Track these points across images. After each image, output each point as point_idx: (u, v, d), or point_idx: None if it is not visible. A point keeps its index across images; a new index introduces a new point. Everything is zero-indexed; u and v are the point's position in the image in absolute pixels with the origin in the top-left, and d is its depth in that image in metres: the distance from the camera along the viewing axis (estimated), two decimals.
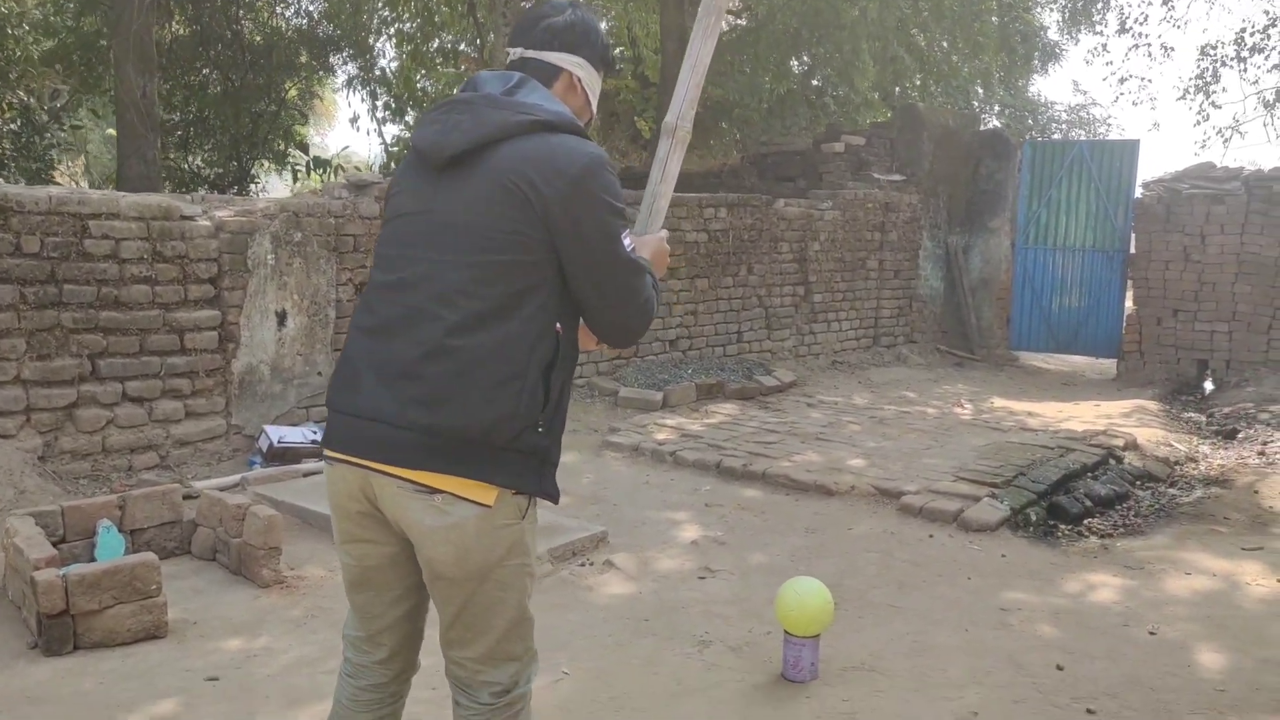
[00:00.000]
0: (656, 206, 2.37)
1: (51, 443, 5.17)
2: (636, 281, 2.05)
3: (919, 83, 15.49)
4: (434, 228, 2.00)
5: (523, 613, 2.11)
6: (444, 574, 2.02)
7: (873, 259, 10.76)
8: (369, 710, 2.25)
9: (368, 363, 2.01)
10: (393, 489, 1.98)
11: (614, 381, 8.03)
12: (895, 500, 5.45)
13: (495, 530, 1.99)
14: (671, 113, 2.36)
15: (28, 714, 3.12)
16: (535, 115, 1.98)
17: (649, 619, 3.95)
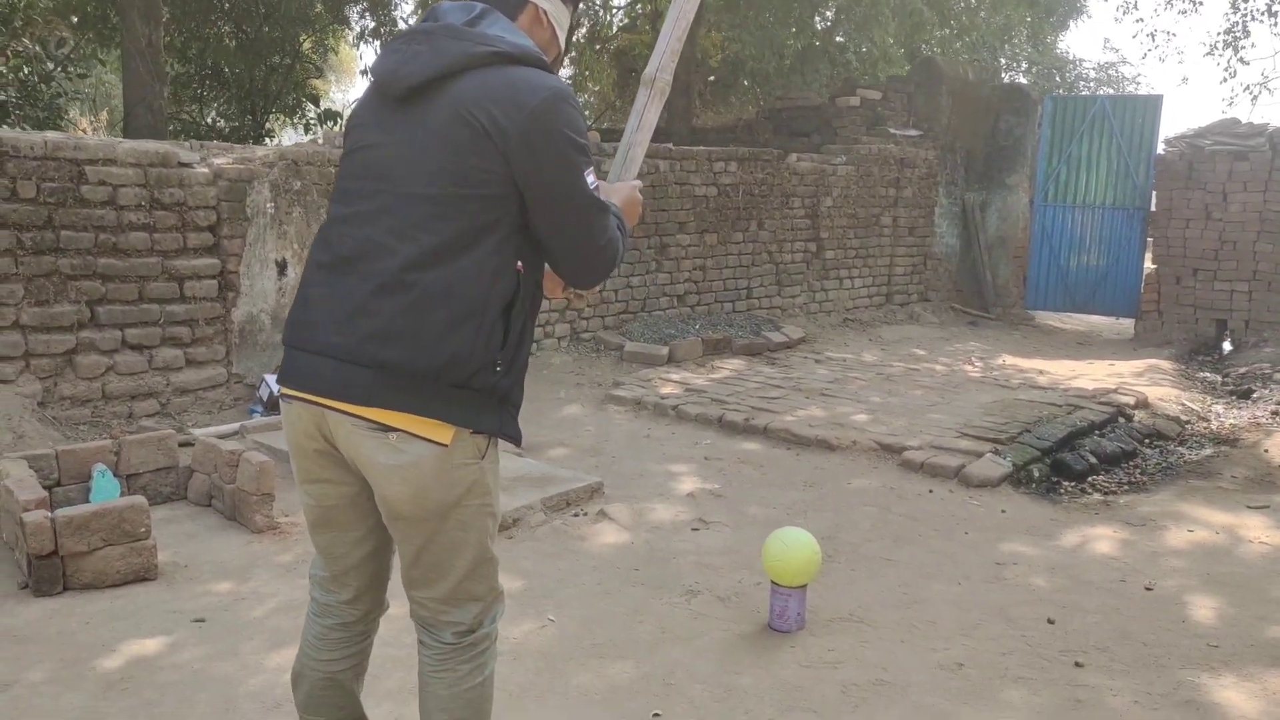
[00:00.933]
0: (631, 155, 2.33)
1: (51, 388, 5.19)
2: (598, 220, 1.98)
3: (940, 36, 15.18)
4: (391, 161, 1.95)
5: (484, 553, 2.07)
6: (402, 513, 1.98)
7: (887, 215, 10.62)
8: (336, 648, 2.24)
9: (322, 297, 1.97)
10: (348, 427, 1.94)
11: (620, 336, 7.99)
12: (897, 455, 5.40)
13: (453, 469, 1.95)
14: (651, 64, 2.33)
15: (14, 653, 3.14)
16: (496, 47, 1.92)
17: (639, 569, 3.93)
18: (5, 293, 5.01)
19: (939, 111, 11.15)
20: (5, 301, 5.02)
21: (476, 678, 2.12)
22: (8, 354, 5.05)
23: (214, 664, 3.09)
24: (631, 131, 2.33)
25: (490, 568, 2.11)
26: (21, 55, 9.03)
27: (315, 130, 13.78)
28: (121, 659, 3.11)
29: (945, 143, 11.21)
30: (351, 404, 1.91)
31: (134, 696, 2.90)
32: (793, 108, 12.06)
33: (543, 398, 6.77)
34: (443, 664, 2.10)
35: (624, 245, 2.08)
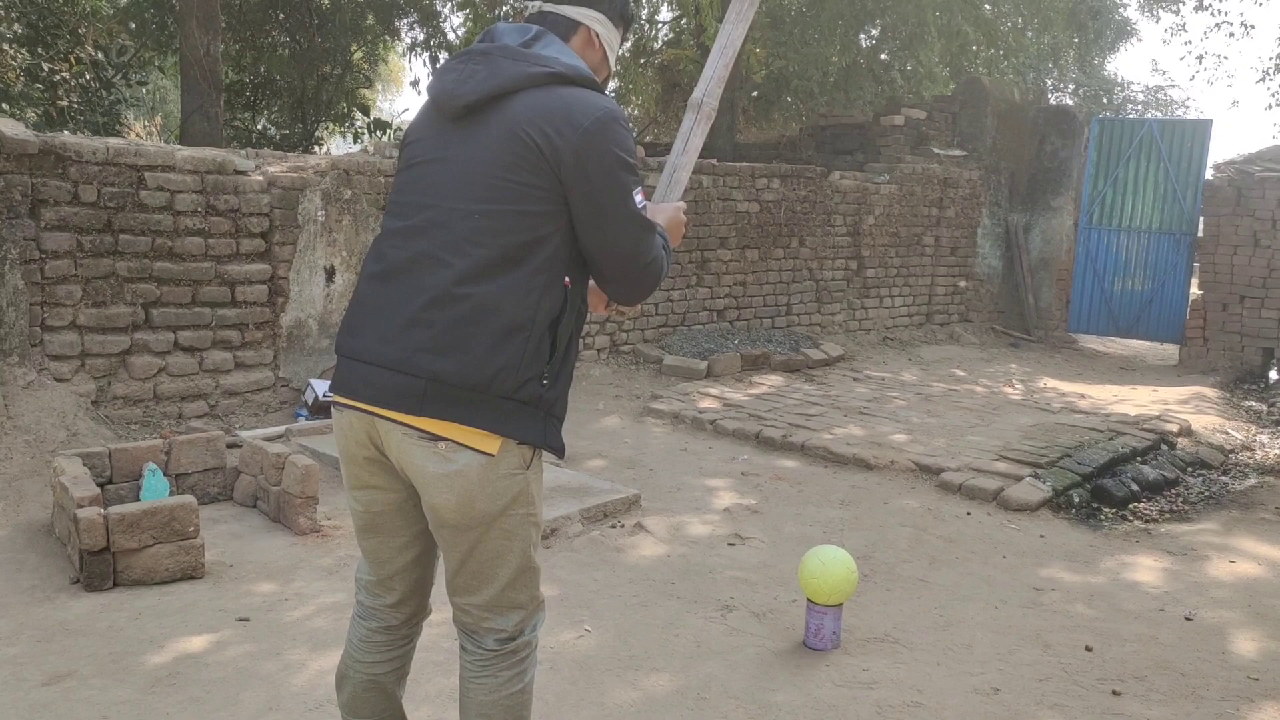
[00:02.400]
0: (676, 178, 2.41)
1: (105, 388, 5.32)
2: (645, 238, 2.03)
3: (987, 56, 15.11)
4: (446, 176, 2.01)
5: (527, 562, 2.12)
6: (448, 521, 2.03)
7: (929, 235, 10.58)
8: (380, 651, 2.29)
9: (375, 308, 2.03)
10: (398, 435, 2.00)
11: (659, 349, 8.03)
12: (935, 477, 5.38)
13: (499, 479, 2.00)
14: (699, 89, 2.42)
15: (64, 645, 3.23)
16: (551, 68, 1.98)
17: (675, 582, 3.95)
18: (64, 293, 5.16)
19: (984, 132, 11.11)
20: (64, 302, 5.16)
21: (517, 684, 2.16)
22: (64, 353, 5.19)
23: (258, 663, 3.16)
24: (677, 154, 2.41)
25: (533, 576, 2.15)
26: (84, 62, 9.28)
27: (364, 139, 13.99)
28: (169, 655, 3.19)
29: (989, 163, 11.16)
30: (404, 413, 1.96)
31: (180, 693, 2.97)
32: (836, 125, 12.06)
33: (582, 409, 6.82)
34: (484, 670, 2.14)
35: (668, 264, 2.13)
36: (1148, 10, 16.94)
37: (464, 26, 15.79)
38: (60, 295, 5.15)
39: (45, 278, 5.11)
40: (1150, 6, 16.62)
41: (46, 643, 3.24)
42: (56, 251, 5.13)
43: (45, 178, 5.06)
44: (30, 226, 5.03)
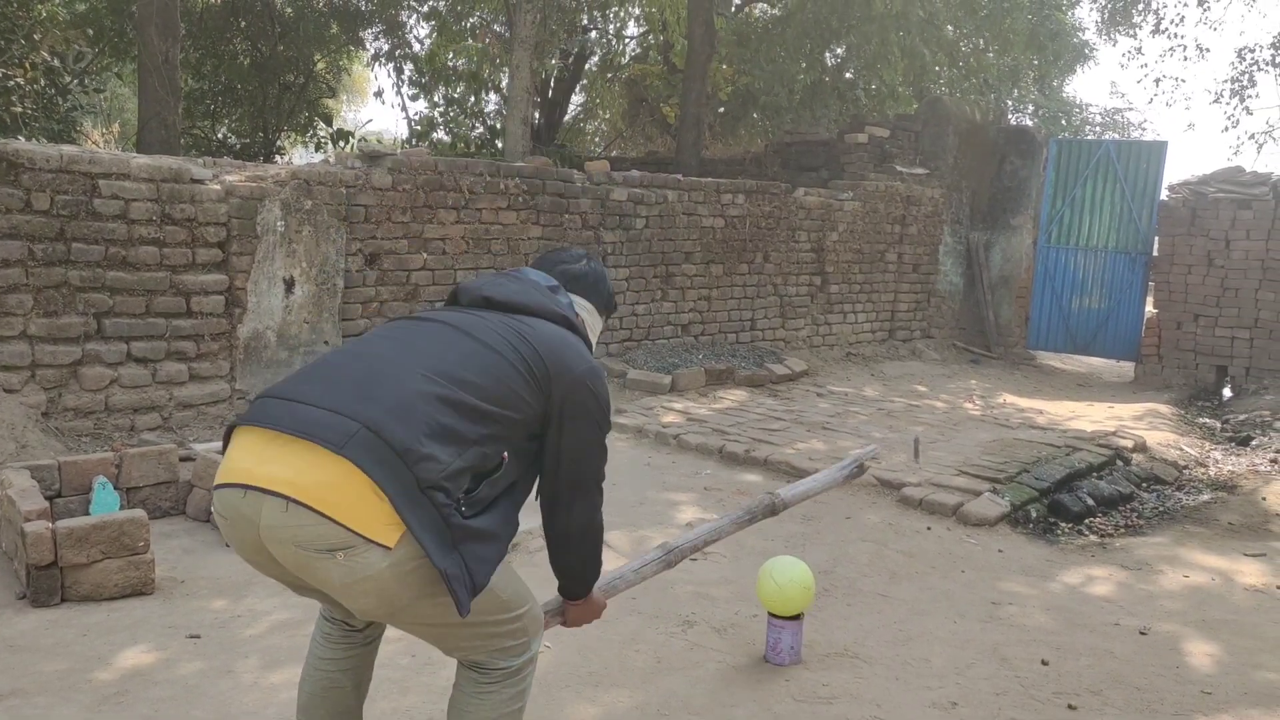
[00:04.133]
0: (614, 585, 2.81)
1: (55, 399, 5.21)
2: (594, 479, 2.23)
3: (949, 76, 15.32)
4: (451, 328, 2.13)
5: (503, 610, 2.10)
6: (383, 619, 2.02)
7: (892, 252, 10.67)
8: (338, 648, 2.29)
9: (336, 373, 2.01)
10: (290, 548, 1.83)
11: (623, 363, 8.01)
12: (896, 491, 5.41)
13: (412, 572, 1.86)
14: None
15: (9, 662, 3.14)
16: (565, 313, 2.28)
17: (635, 597, 3.92)
18: (14, 303, 5.05)
19: (945, 150, 11.24)
20: (14, 311, 5.06)
21: (517, 703, 2.19)
22: (14, 364, 5.08)
23: (208, 680, 3.09)
24: (632, 570, 2.87)
25: (514, 620, 2.13)
26: (39, 68, 9.13)
27: (326, 149, 13.89)
28: (117, 672, 3.12)
29: (951, 182, 11.29)
30: (321, 444, 1.82)
31: (128, 710, 2.90)
32: (801, 142, 12.15)
33: None
34: (488, 690, 2.16)
35: (598, 539, 2.32)
36: (1105, 34, 17.26)
37: (429, 38, 15.78)
38: (10, 304, 5.04)
39: None
40: (1108, 30, 16.93)
41: None
42: (7, 260, 5.02)
43: None
44: None
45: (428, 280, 6.89)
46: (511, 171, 7.39)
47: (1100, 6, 16.53)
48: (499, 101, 16.38)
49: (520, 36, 10.11)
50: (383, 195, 6.52)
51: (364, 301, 6.54)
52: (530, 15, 10.08)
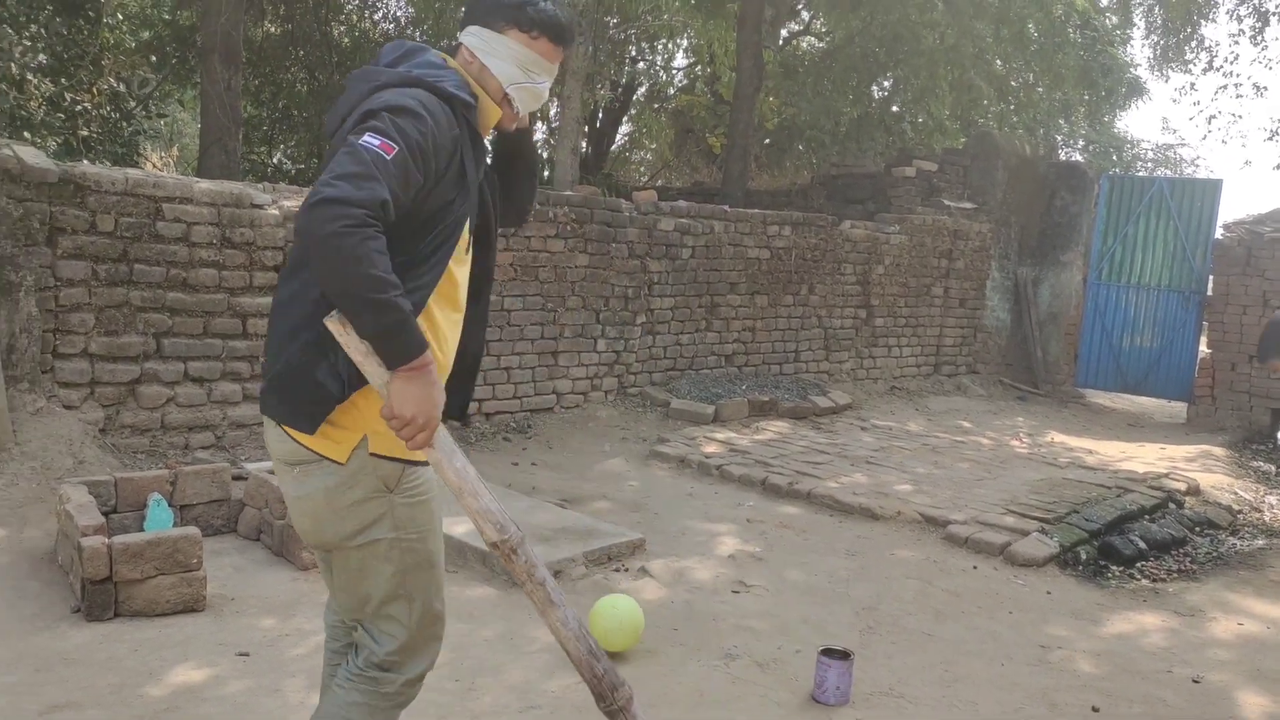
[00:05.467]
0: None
1: (113, 416, 5.33)
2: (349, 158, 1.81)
3: (998, 111, 15.27)
4: None
5: (400, 590, 2.09)
6: (309, 544, 2.17)
7: (938, 286, 10.61)
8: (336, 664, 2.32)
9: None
10: (277, 464, 2.11)
11: (666, 392, 8.03)
12: (941, 529, 5.35)
13: (349, 505, 2.03)
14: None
15: (63, 675, 3.21)
16: (384, 80, 1.98)
17: (678, 628, 3.92)
18: (77, 321, 5.19)
19: (994, 185, 11.18)
20: (76, 330, 5.19)
21: (359, 713, 2.11)
22: (75, 381, 5.20)
23: (257, 699, 3.13)
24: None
25: (412, 611, 2.10)
26: (105, 93, 9.42)
27: None
28: (167, 688, 3.17)
29: (1000, 216, 11.22)
30: (270, 416, 2.07)
31: None
32: (847, 175, 12.16)
33: (587, 450, 6.81)
34: (344, 682, 2.13)
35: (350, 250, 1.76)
36: (1158, 70, 17.11)
37: None
38: (73, 323, 5.18)
39: (59, 305, 5.14)
40: (1160, 66, 16.78)
41: (45, 672, 3.22)
42: (71, 279, 5.17)
43: (64, 206, 5.11)
44: (47, 254, 5.08)
45: None
46: (560, 200, 7.47)
47: (1153, 43, 16.43)
48: (547, 131, 16.57)
49: (571, 68, 10.24)
50: None
51: None
52: (581, 47, 10.21)
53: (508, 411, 7.21)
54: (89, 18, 9.17)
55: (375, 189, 1.79)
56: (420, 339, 1.87)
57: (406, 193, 1.89)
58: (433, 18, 14.18)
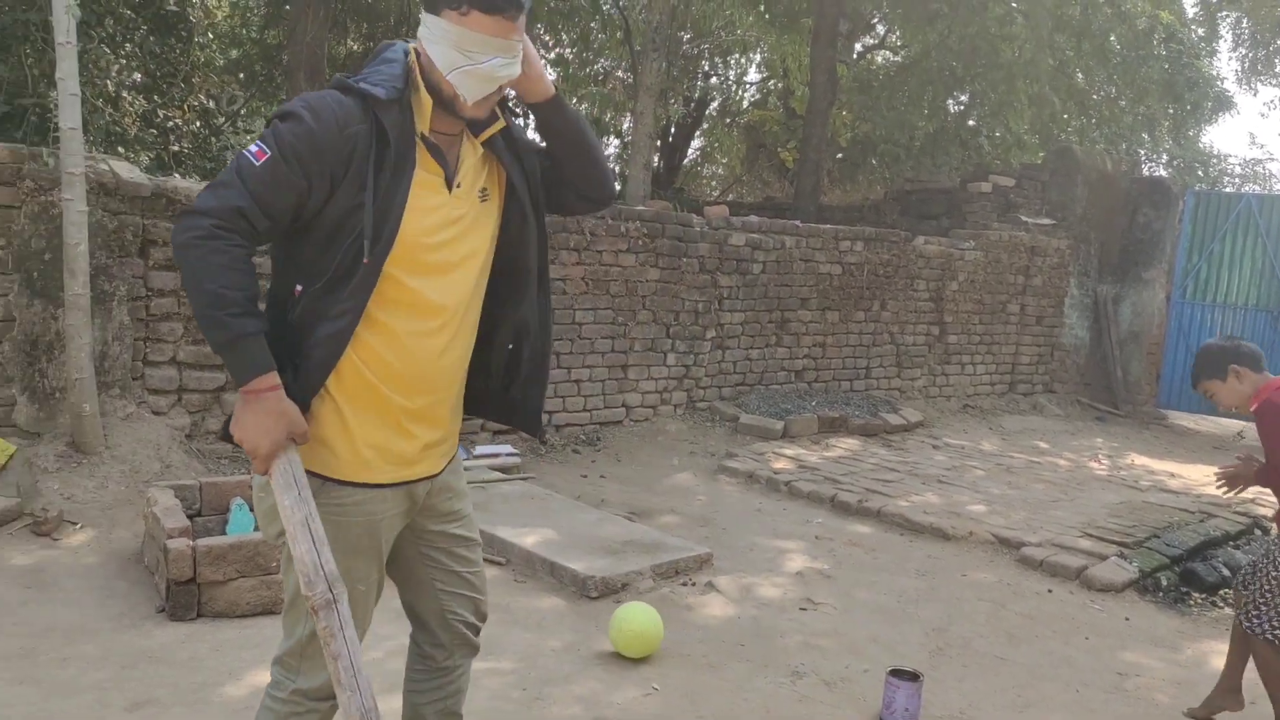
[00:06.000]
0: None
1: (199, 422, 5.50)
2: (220, 174, 1.89)
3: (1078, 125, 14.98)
4: None
5: (296, 598, 2.00)
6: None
7: (1014, 303, 10.43)
8: (415, 673, 2.35)
9: None
10: None
11: (735, 407, 8.02)
12: (1015, 551, 5.26)
13: (269, 509, 1.98)
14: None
15: (147, 672, 3.32)
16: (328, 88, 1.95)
17: (744, 644, 3.92)
18: (166, 330, 5.38)
19: (1074, 201, 10.96)
20: (165, 338, 5.38)
21: (263, 716, 2.11)
22: (163, 388, 5.39)
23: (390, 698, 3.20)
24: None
25: (306, 615, 1.98)
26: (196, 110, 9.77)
27: None
28: (246, 689, 3.26)
29: (1079, 233, 10.99)
30: None
31: None
32: (922, 190, 12.03)
33: (656, 464, 6.83)
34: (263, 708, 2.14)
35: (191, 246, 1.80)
36: (1246, 83, 16.64)
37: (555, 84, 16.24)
38: (163, 332, 5.37)
39: (150, 314, 5.34)
40: (1248, 79, 16.31)
41: (130, 669, 3.34)
42: (162, 290, 5.36)
43: (156, 219, 5.31)
44: (139, 265, 5.28)
45: None
46: (632, 215, 7.53)
47: (1240, 56, 15.98)
48: (619, 145, 16.70)
49: (645, 83, 10.32)
50: None
51: None
52: (655, 63, 10.28)
53: (577, 424, 7.27)
54: (181, 37, 9.51)
55: (228, 196, 1.82)
56: (256, 364, 1.83)
57: (282, 198, 1.85)
58: None
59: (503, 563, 4.60)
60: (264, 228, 1.86)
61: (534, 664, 3.58)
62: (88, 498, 4.86)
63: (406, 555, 2.20)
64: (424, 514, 2.17)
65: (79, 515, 4.68)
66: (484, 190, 2.08)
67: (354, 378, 1.96)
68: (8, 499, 4.57)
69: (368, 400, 1.98)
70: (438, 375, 2.03)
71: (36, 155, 5.01)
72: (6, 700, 3.06)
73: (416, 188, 1.94)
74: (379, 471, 2.01)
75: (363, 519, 2.01)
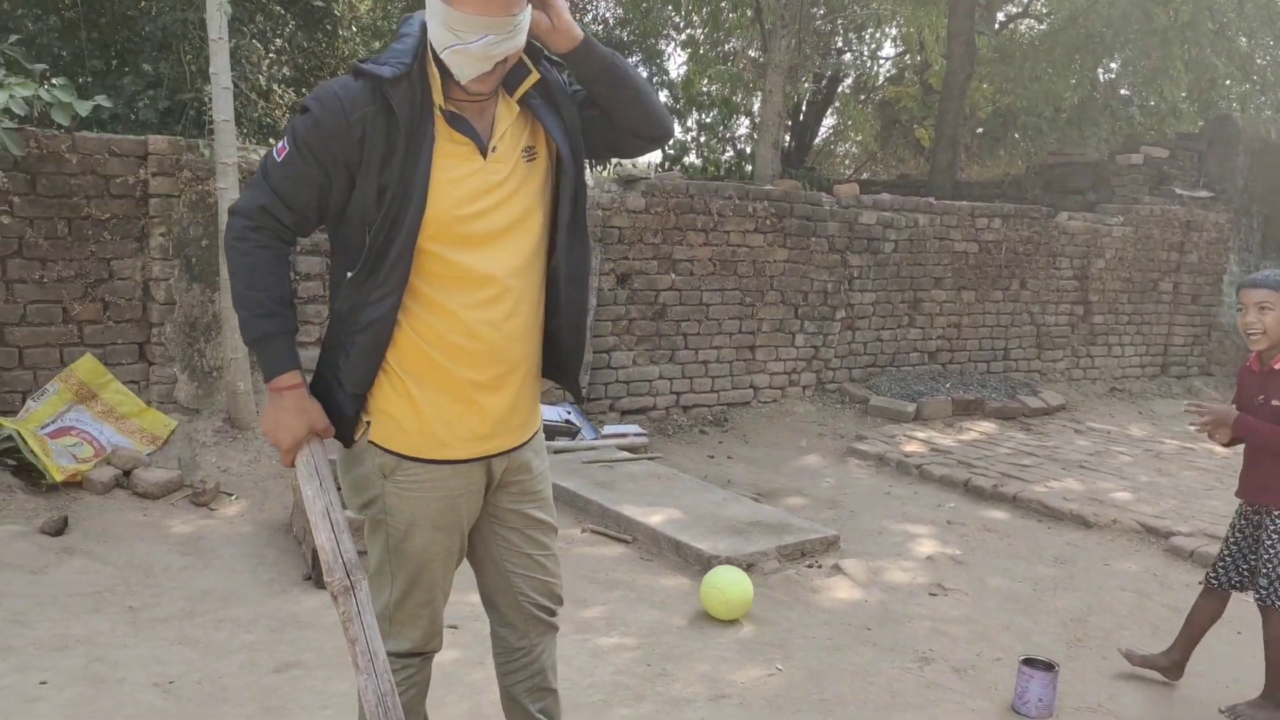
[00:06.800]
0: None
1: None
2: (253, 180, 1.97)
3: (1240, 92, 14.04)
4: None
5: (381, 566, 2.12)
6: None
7: (1166, 281, 9.89)
8: (500, 657, 2.34)
9: None
10: None
11: (866, 389, 7.88)
12: (1163, 540, 5.02)
13: (355, 480, 2.08)
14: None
15: (294, 636, 3.51)
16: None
17: (871, 628, 3.87)
18: (313, 312, 5.65)
19: (1234, 172, 10.30)
20: (311, 320, 5.64)
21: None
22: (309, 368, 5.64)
23: (463, 669, 3.32)
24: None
25: (387, 584, 2.12)
26: None
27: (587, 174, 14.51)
28: None
29: (1240, 206, 10.32)
30: None
31: None
32: (1066, 164, 11.49)
33: (783, 445, 6.79)
34: None
35: (232, 233, 1.94)
36: None
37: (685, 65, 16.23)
38: (309, 314, 5.64)
39: (297, 297, 5.60)
40: None
41: (279, 632, 3.53)
42: (308, 274, 5.64)
43: None
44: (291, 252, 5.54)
45: (675, 300, 7.07)
46: (760, 194, 7.47)
47: None
48: (749, 125, 16.56)
49: (775, 62, 10.20)
50: (635, 217, 6.77)
51: (614, 320, 6.80)
52: (786, 41, 10.15)
53: (705, 405, 7.28)
54: (326, 31, 9.90)
55: (255, 195, 1.92)
56: (279, 363, 1.94)
57: (303, 191, 1.91)
58: (639, 17, 14.48)
59: (629, 541, 4.66)
60: (291, 221, 1.93)
61: (658, 641, 3.63)
62: (242, 470, 5.16)
63: (479, 533, 2.20)
64: (500, 491, 2.15)
65: (234, 487, 4.98)
66: (529, 148, 2.01)
67: (416, 355, 1.97)
68: (170, 471, 4.89)
69: (433, 377, 1.98)
70: (503, 345, 1.99)
71: (194, 147, 5.31)
72: (169, 658, 3.28)
73: (442, 159, 1.90)
74: (452, 448, 2.01)
75: (442, 495, 2.04)
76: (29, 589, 3.76)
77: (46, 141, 4.99)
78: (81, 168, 5.10)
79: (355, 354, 1.96)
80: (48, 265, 5.08)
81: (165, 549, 4.26)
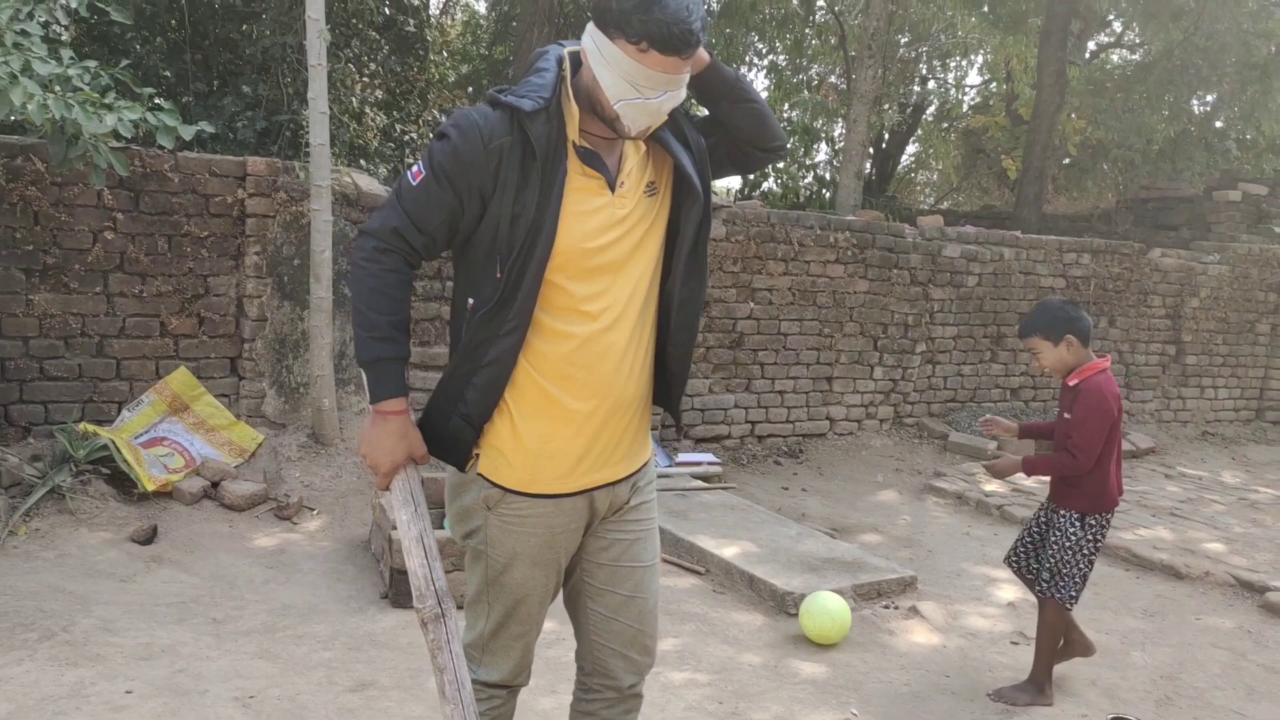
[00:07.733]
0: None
1: None
2: (389, 198, 1.98)
3: None
4: None
5: (480, 595, 2.15)
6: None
7: (1264, 322, 9.54)
8: (579, 701, 2.33)
9: None
10: None
11: (945, 425, 7.73)
12: (1259, 595, 4.81)
13: (460, 509, 2.11)
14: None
15: (370, 655, 3.55)
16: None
17: (949, 675, 3.77)
18: None
19: None
20: None
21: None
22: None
23: (535, 697, 3.32)
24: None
25: (484, 613, 2.15)
26: (429, 124, 10.36)
27: None
28: None
29: None
30: None
31: None
32: (1159, 198, 11.19)
33: (859, 480, 6.70)
34: None
35: (362, 253, 1.97)
36: None
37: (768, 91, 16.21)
38: None
39: None
40: None
41: (356, 651, 3.58)
42: None
43: None
44: None
45: (752, 329, 7.04)
46: (841, 225, 7.41)
47: None
48: (829, 152, 16.46)
49: (859, 90, 10.13)
50: (715, 245, 6.76)
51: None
52: (870, 69, 10.08)
53: (779, 435, 7.22)
54: (418, 55, 10.11)
55: (387, 218, 1.94)
56: (388, 387, 1.96)
57: (435, 215, 1.93)
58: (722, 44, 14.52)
59: (702, 572, 4.63)
60: (421, 244, 1.95)
61: (730, 678, 3.59)
62: (324, 486, 5.26)
63: (574, 571, 2.20)
64: (603, 524, 2.15)
65: (316, 502, 5.07)
66: (651, 184, 2.04)
67: (530, 387, 1.98)
68: (255, 484, 5.00)
69: (542, 407, 1.99)
70: (613, 376, 2.00)
71: (290, 168, 5.46)
72: (250, 672, 3.35)
73: (573, 193, 1.93)
74: (554, 482, 2.02)
75: (542, 531, 2.04)
76: (118, 596, 3.87)
77: (151, 161, 5.18)
78: (183, 186, 5.28)
79: (481, 387, 1.98)
80: (147, 280, 5.26)
81: (249, 561, 4.35)
